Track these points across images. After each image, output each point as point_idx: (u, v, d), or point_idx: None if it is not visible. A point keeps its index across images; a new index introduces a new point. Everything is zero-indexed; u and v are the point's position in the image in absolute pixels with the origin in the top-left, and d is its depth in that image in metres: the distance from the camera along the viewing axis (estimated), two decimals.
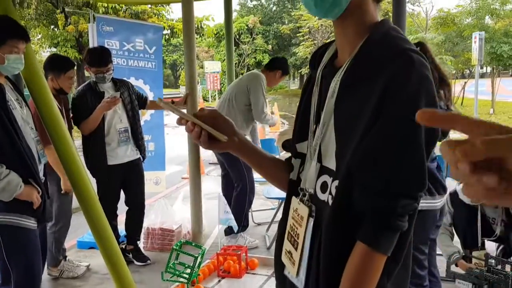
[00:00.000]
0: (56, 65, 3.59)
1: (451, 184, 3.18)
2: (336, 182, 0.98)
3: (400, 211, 0.89)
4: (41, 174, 2.47)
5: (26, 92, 2.83)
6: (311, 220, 1.03)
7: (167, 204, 4.36)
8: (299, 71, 40.50)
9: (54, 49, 17.04)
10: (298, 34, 30.48)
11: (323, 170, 1.03)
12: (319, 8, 0.99)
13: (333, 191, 0.98)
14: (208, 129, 1.03)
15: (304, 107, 1.14)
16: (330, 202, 0.99)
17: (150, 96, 4.69)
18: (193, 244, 3.21)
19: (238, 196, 4.16)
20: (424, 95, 0.89)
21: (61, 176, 3.38)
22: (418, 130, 0.88)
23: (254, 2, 44.61)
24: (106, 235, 2.89)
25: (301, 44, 29.80)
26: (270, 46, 37.36)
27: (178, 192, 6.13)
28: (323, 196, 1.02)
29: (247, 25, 35.51)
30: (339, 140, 0.98)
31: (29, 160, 2.33)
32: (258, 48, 35.40)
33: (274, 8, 42.47)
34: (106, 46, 4.29)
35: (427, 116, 0.43)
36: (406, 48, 0.92)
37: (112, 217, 3.93)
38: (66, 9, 14.57)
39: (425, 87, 0.90)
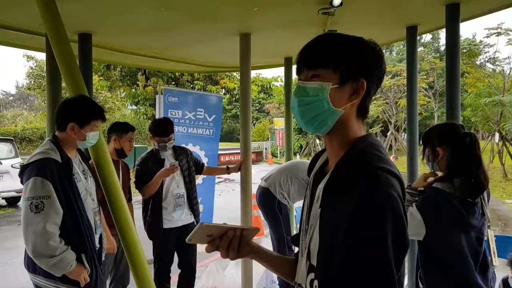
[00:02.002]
0: (120, 127, 3.93)
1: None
2: (316, 282, 1.05)
3: None
4: (96, 242, 2.66)
5: None
6: None
7: (219, 268, 4.45)
8: (371, 129, 39.97)
9: (134, 107, 18.43)
10: None
11: (311, 268, 1.11)
12: (309, 127, 1.12)
13: None
14: (241, 227, 1.21)
15: (302, 208, 1.24)
16: None
17: (205, 161, 4.93)
18: None
19: None
20: (390, 214, 0.95)
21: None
22: (385, 247, 0.94)
23: None
24: None
25: (373, 103, 29.62)
26: None
27: None
28: None
29: None
30: (321, 243, 1.06)
31: (86, 233, 2.50)
32: None
33: None
34: (169, 115, 4.66)
35: None
36: (376, 167, 1.00)
37: (165, 279, 4.11)
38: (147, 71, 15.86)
39: (391, 206, 0.96)
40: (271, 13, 3.76)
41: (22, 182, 2.46)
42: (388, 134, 26.76)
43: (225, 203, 8.21)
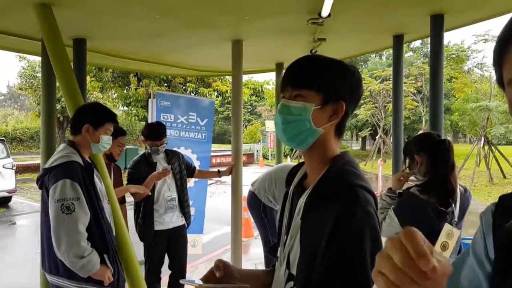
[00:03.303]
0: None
1: None
2: None
3: None
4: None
5: None
6: None
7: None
8: (360, 132, 40.22)
9: (126, 108, 18.43)
10: None
11: (290, 277, 1.18)
12: (291, 143, 1.22)
13: None
14: (235, 285, 1.25)
15: (280, 219, 1.32)
16: None
17: (197, 165, 5.02)
18: None
19: None
20: (368, 230, 1.04)
21: None
22: (364, 260, 1.01)
23: None
24: None
25: (362, 106, 29.87)
26: None
27: (226, 254, 6.31)
28: None
29: None
30: (302, 254, 1.14)
31: (108, 235, 2.59)
32: None
33: None
34: (162, 119, 4.74)
35: None
36: (354, 184, 1.09)
37: (155, 279, 4.19)
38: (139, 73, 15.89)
39: (368, 222, 1.05)
40: (262, 21, 3.86)
41: (42, 185, 2.51)
42: (377, 137, 26.97)
43: (216, 205, 8.29)
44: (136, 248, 4.16)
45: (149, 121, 4.85)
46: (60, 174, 2.41)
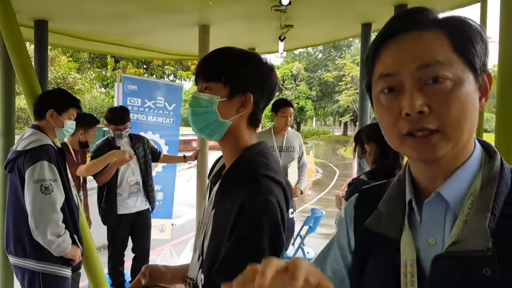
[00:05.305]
0: (86, 121, 4.00)
1: None
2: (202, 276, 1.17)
3: None
4: None
5: None
6: None
7: (174, 254, 4.58)
8: (340, 119, 40.56)
9: (103, 90, 18.21)
10: (341, 83, 30.83)
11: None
12: (202, 134, 1.25)
13: None
14: None
15: (200, 207, 1.36)
16: None
17: (165, 150, 5.02)
18: None
19: None
20: (267, 218, 1.07)
21: None
22: (261, 248, 1.05)
23: (300, 49, 45.69)
24: (100, 281, 3.17)
25: (344, 92, 30.05)
26: (314, 93, 37.85)
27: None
28: None
29: (291, 72, 36.28)
30: (210, 242, 1.18)
31: (76, 216, 2.69)
32: (301, 94, 35.95)
33: (320, 55, 43.29)
34: (128, 103, 4.71)
35: None
36: (259, 174, 1.13)
37: (119, 262, 4.22)
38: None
39: (268, 211, 1.08)
40: (227, 6, 3.84)
41: (13, 168, 2.55)
42: (357, 123, 27.26)
43: (193, 190, 8.32)
44: (101, 233, 4.20)
45: (115, 105, 4.80)
46: (38, 156, 2.50)
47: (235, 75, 1.19)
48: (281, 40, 4.76)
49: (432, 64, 0.70)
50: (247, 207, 1.08)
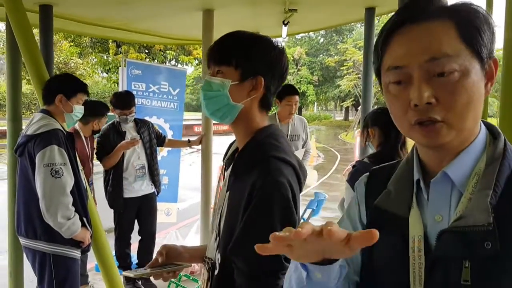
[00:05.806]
0: (99, 111, 4.12)
1: None
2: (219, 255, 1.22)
3: None
4: None
5: None
6: (209, 285, 1.28)
7: (179, 236, 4.65)
8: (342, 103, 40.44)
9: (105, 75, 18.18)
10: (342, 67, 30.66)
11: None
12: (214, 118, 1.28)
13: None
14: (173, 269, 1.34)
15: (217, 190, 1.40)
16: None
17: (169, 134, 5.06)
18: (191, 278, 3.47)
19: None
20: (278, 198, 1.11)
21: None
22: (273, 227, 1.07)
23: (302, 34, 45.37)
24: (109, 263, 3.23)
25: (345, 77, 29.93)
26: (316, 77, 37.68)
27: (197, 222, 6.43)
28: None
29: (293, 56, 36.07)
30: (225, 223, 1.22)
31: (85, 200, 2.75)
32: (302, 79, 35.80)
33: (322, 40, 42.99)
34: (133, 87, 4.73)
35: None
36: (270, 155, 1.16)
37: (125, 245, 4.30)
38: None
39: (278, 191, 1.12)
40: None
41: (23, 152, 2.60)
42: (359, 108, 27.20)
43: (197, 174, 8.38)
44: (108, 216, 4.26)
45: (120, 89, 4.83)
46: (48, 140, 2.54)
47: (246, 58, 1.22)
48: (285, 25, 4.76)
49: (440, 57, 0.73)
50: (258, 188, 1.11)
